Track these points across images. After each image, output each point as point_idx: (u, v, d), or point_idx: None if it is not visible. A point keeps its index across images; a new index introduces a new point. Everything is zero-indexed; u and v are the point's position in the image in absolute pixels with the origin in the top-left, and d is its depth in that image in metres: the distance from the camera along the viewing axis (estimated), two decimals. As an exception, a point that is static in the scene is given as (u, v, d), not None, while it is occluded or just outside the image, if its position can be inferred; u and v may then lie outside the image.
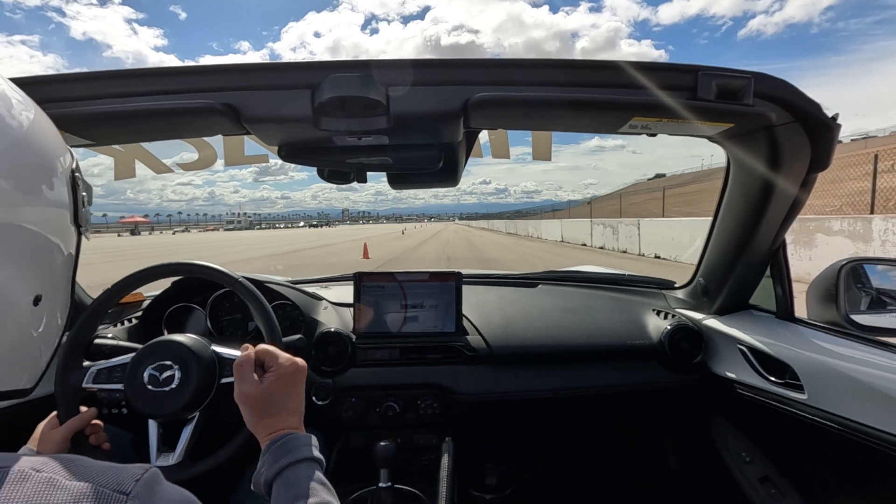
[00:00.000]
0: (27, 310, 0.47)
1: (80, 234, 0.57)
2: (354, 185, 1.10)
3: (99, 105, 0.74)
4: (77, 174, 0.54)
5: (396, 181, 1.13)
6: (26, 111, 0.49)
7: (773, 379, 1.05)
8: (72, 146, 0.86)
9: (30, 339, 0.49)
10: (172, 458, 0.89)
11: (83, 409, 0.89)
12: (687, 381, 1.26)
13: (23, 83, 0.73)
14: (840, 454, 0.92)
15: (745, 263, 1.11)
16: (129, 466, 0.39)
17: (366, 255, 14.32)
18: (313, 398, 1.20)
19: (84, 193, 0.55)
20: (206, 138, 1.17)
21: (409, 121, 0.77)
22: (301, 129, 0.81)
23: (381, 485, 1.03)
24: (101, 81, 0.74)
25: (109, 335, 1.14)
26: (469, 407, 1.26)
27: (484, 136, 1.23)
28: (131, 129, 0.84)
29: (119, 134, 0.90)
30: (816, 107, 0.80)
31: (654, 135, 0.90)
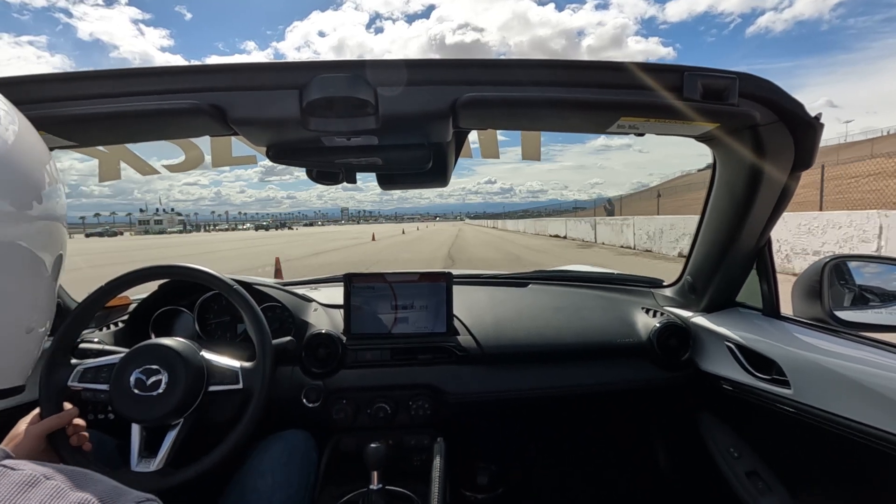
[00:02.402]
0: (24, 316, 0.48)
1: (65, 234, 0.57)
2: (360, 185, 1.10)
3: (82, 106, 0.72)
4: (54, 170, 0.53)
5: (386, 181, 1.13)
6: (12, 124, 0.48)
7: (759, 375, 1.06)
8: (54, 148, 0.85)
9: (24, 340, 0.50)
10: (153, 465, 0.88)
11: (67, 405, 0.88)
12: (675, 379, 1.27)
13: (3, 84, 0.71)
14: (825, 448, 0.94)
15: (731, 261, 1.13)
16: (133, 491, 0.39)
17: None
18: (304, 401, 1.19)
19: (61, 184, 0.55)
20: (192, 139, 1.16)
21: (397, 121, 0.77)
22: (289, 130, 0.81)
23: (372, 486, 1.02)
24: (84, 82, 0.73)
25: (95, 339, 1.12)
26: (460, 407, 1.26)
27: (474, 135, 1.23)
28: (115, 130, 0.83)
29: (103, 135, 0.88)
30: (800, 106, 0.81)
31: (641, 134, 0.91)
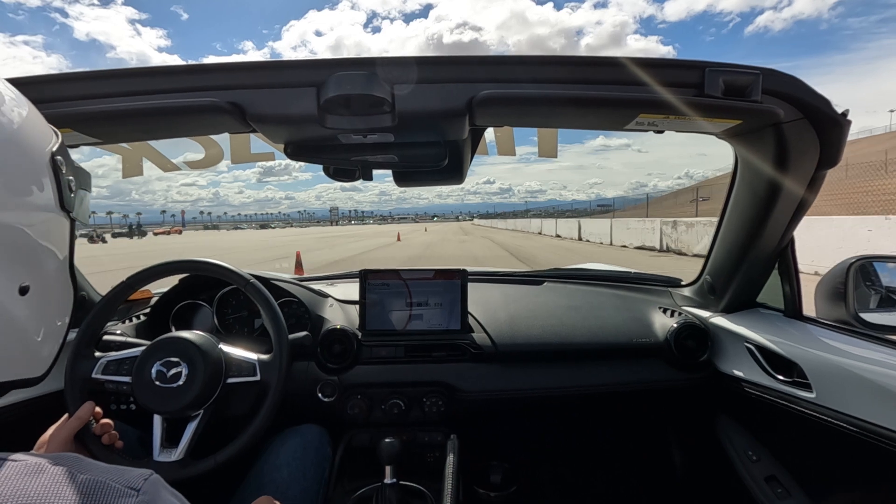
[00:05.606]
0: (13, 301, 0.46)
1: (71, 221, 0.55)
2: (358, 185, 1.11)
3: (106, 103, 0.74)
4: (58, 157, 0.51)
5: (402, 179, 1.13)
6: (19, 108, 0.48)
7: (780, 377, 1.04)
8: (79, 144, 0.87)
9: (22, 329, 0.48)
10: (174, 455, 0.91)
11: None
12: (693, 380, 1.25)
13: (32, 82, 0.74)
14: (848, 454, 0.91)
15: (752, 261, 1.10)
16: (133, 469, 0.40)
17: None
18: (319, 395, 1.21)
19: (71, 177, 0.53)
20: (212, 136, 1.18)
21: (414, 118, 0.77)
22: (307, 128, 0.82)
23: (386, 481, 1.03)
24: (108, 80, 0.75)
25: (118, 331, 1.15)
26: (474, 405, 1.26)
27: (490, 133, 1.23)
28: (138, 127, 0.85)
29: (126, 132, 0.90)
30: (826, 103, 0.79)
31: (661, 131, 0.90)
